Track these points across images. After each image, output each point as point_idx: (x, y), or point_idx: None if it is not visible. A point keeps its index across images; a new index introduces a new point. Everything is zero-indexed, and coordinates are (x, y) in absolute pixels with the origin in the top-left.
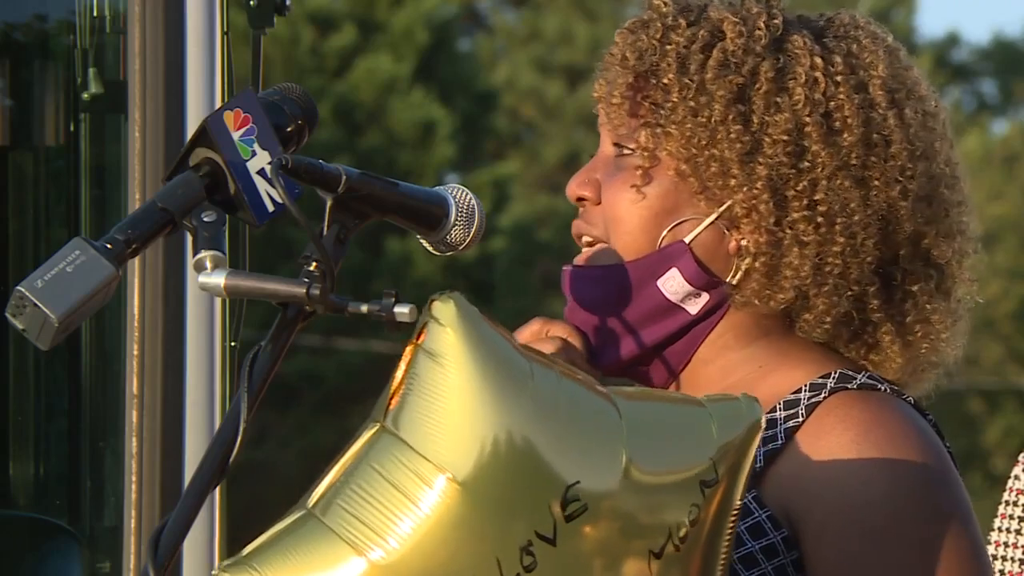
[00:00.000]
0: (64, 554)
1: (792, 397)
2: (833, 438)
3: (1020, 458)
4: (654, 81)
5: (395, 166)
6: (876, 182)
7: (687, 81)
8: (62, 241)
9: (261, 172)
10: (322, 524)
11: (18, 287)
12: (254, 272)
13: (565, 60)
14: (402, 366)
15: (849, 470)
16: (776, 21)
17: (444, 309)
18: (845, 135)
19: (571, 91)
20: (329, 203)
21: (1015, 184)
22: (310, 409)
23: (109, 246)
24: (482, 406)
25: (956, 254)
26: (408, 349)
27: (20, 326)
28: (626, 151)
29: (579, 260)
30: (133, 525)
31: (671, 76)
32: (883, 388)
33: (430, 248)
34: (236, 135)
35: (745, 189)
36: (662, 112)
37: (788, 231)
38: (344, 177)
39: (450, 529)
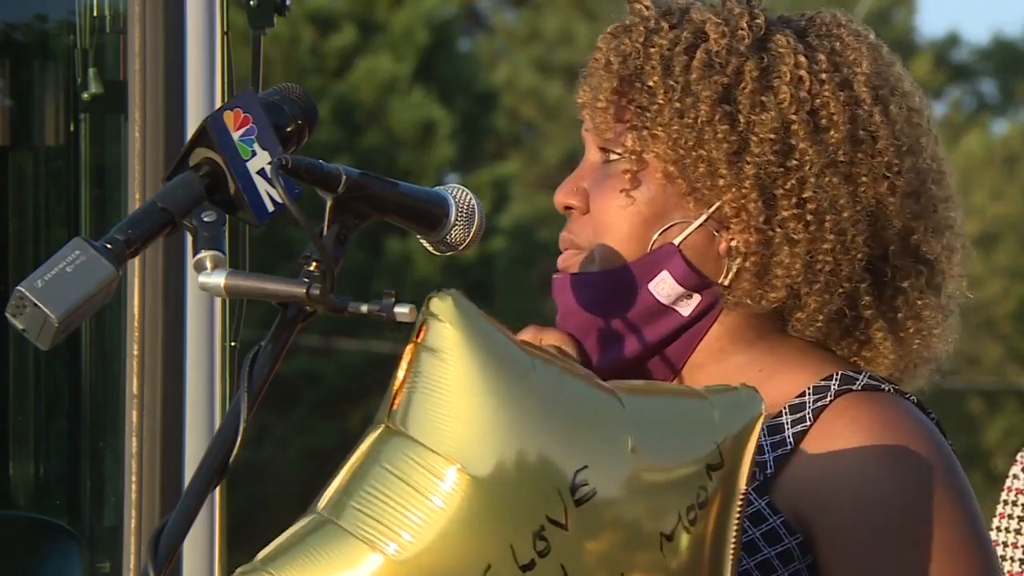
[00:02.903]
0: (64, 554)
1: (797, 401)
2: (842, 441)
3: (1018, 457)
4: (638, 84)
5: (395, 166)
6: (864, 178)
7: (672, 83)
8: (62, 241)
9: (261, 172)
10: (335, 525)
11: (18, 287)
12: (254, 272)
13: (565, 60)
14: (403, 366)
15: (859, 472)
16: (758, 21)
17: (442, 306)
18: (832, 132)
19: (571, 91)
20: (329, 203)
21: (1015, 184)
22: (310, 409)
23: (109, 246)
24: (487, 397)
25: (945, 249)
26: (408, 348)
27: (20, 326)
28: (613, 156)
29: (567, 267)
30: (133, 525)
31: (656, 79)
32: (886, 388)
33: (430, 248)
34: (236, 135)
35: (734, 189)
36: (647, 115)
37: (778, 230)
38: (344, 177)
39: (464, 519)
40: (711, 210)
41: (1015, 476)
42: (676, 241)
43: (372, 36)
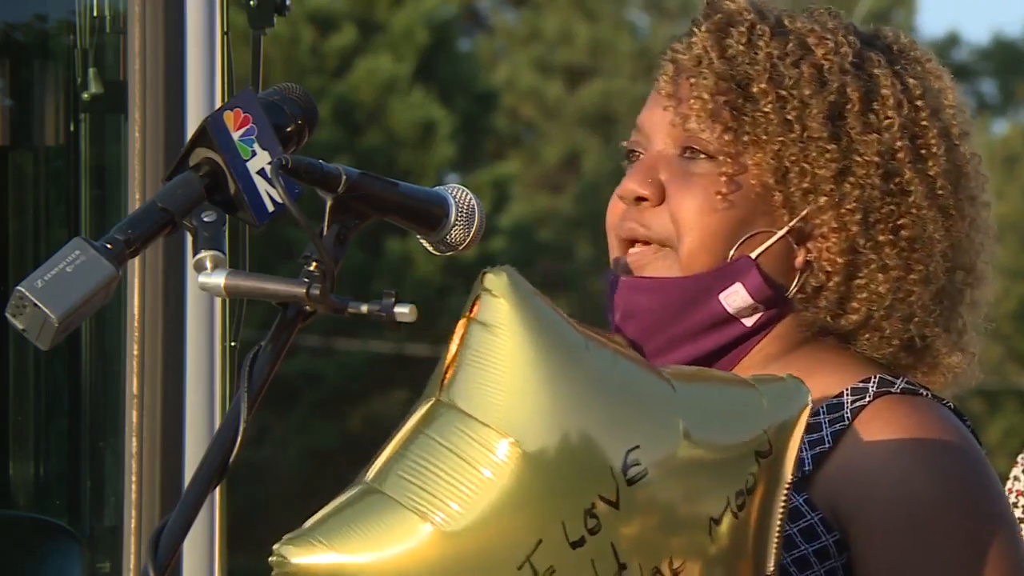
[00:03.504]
0: (64, 554)
1: (835, 401)
2: (879, 441)
3: (1019, 459)
4: (738, 87)
5: (395, 166)
6: (953, 212)
7: (783, 93)
8: (62, 241)
9: (261, 172)
10: (384, 495)
11: (18, 287)
12: (254, 272)
13: (565, 60)
14: (455, 340)
15: (897, 472)
16: (852, 37)
17: (496, 281)
18: (930, 163)
19: (571, 91)
20: (329, 203)
21: (1015, 184)
22: (310, 409)
23: (109, 246)
24: (540, 372)
25: (987, 275)
26: (460, 323)
27: (20, 326)
28: (700, 155)
29: (641, 264)
30: (133, 525)
31: (763, 86)
32: (924, 393)
33: (430, 248)
34: (236, 135)
35: (833, 209)
36: (747, 119)
37: (872, 255)
38: (344, 177)
39: (515, 492)
40: (793, 223)
41: (1015, 478)
42: (754, 254)
43: (372, 36)
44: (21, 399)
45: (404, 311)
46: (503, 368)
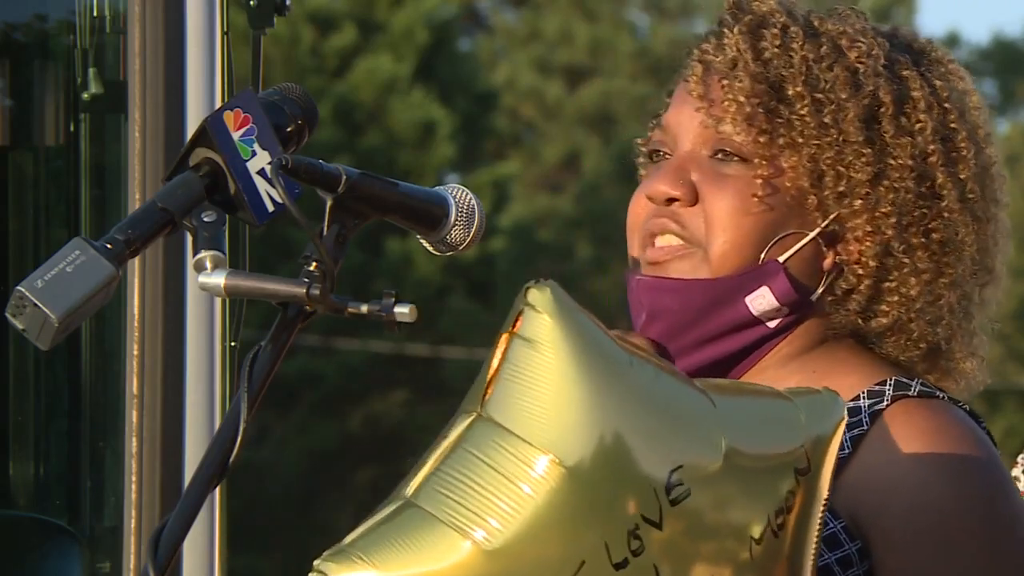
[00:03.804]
0: (64, 554)
1: (852, 404)
2: (899, 446)
3: (1019, 459)
4: (772, 89)
5: (395, 166)
6: (981, 214)
7: (818, 97)
8: (62, 241)
9: (261, 172)
10: (423, 511)
11: (18, 287)
12: (254, 272)
13: (565, 60)
14: (497, 355)
15: (916, 480)
16: (881, 39)
17: (540, 296)
18: (961, 166)
19: (571, 91)
20: (329, 203)
21: (1015, 184)
22: (310, 409)
23: (109, 246)
24: (583, 390)
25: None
26: (503, 338)
27: (20, 326)
28: (735, 158)
29: (668, 259)
30: (133, 525)
31: (799, 88)
32: (940, 395)
33: (430, 248)
34: (236, 135)
35: (868, 212)
36: (781, 122)
37: (905, 258)
38: (344, 177)
39: (556, 511)
40: (824, 225)
41: (1015, 479)
42: (784, 257)
43: (372, 36)
44: (21, 399)
45: (404, 311)
46: (546, 384)
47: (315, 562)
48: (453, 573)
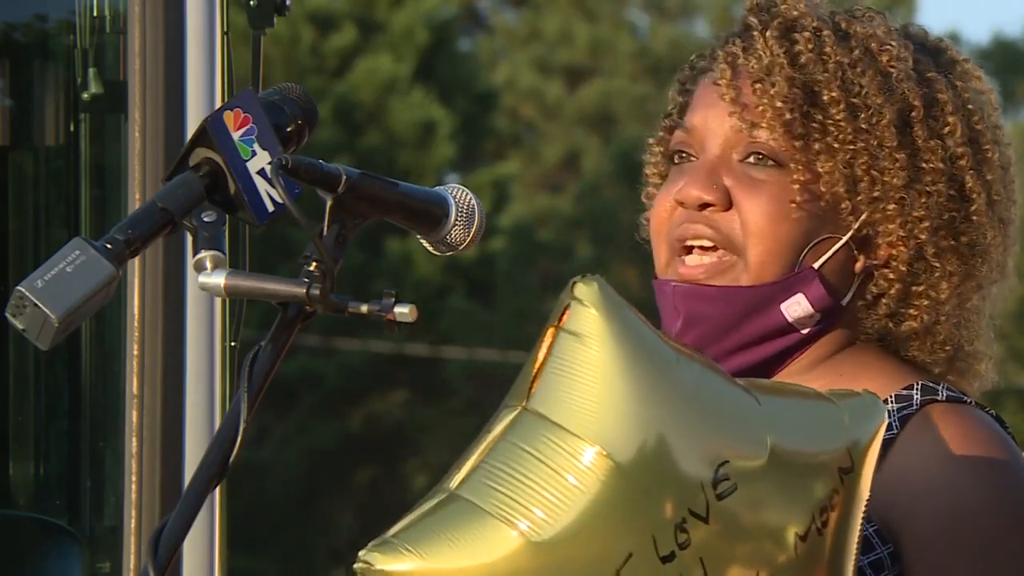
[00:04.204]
0: (64, 554)
1: None
2: (929, 451)
3: None
4: (805, 93)
5: (395, 166)
6: (1004, 216)
7: (854, 102)
8: (62, 241)
9: (261, 172)
10: (470, 503)
11: (18, 287)
12: (254, 272)
13: (565, 60)
14: (542, 348)
15: (946, 482)
16: (907, 41)
17: (587, 291)
18: (986, 167)
19: (571, 91)
20: (329, 203)
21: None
22: (310, 409)
23: (109, 246)
24: (630, 384)
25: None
26: (549, 332)
27: (20, 326)
28: (769, 163)
29: (706, 264)
30: (133, 525)
31: (834, 93)
32: (968, 400)
33: (430, 248)
34: (236, 135)
35: (902, 216)
36: (816, 127)
37: (936, 262)
38: (344, 177)
39: (604, 504)
40: (856, 226)
41: None
42: (819, 263)
43: (372, 36)
44: (21, 399)
45: (404, 311)
46: (592, 378)
47: (360, 553)
48: (500, 564)
